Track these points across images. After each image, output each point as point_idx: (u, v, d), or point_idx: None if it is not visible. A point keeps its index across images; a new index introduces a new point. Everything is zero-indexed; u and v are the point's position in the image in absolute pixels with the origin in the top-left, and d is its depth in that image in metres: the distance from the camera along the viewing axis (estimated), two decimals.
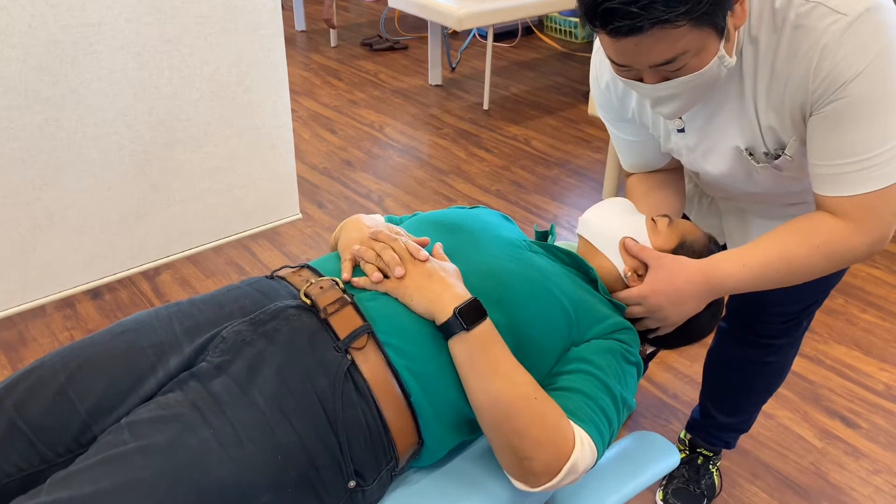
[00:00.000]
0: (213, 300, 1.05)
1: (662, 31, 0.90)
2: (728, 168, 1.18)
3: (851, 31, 0.95)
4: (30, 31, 1.65)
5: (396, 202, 3.06)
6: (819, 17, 0.96)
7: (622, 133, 1.33)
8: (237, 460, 0.87)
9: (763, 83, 1.05)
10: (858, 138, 0.99)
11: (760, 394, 1.64)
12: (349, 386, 0.94)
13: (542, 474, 0.94)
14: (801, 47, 0.98)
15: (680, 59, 0.95)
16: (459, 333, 0.97)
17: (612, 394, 1.02)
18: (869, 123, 0.98)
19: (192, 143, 2.03)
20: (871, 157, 0.99)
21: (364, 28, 5.29)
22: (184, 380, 0.94)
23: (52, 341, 2.20)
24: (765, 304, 1.43)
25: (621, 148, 1.37)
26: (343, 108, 3.97)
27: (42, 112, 1.74)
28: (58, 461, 0.92)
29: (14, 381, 0.96)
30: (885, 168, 0.99)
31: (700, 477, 1.76)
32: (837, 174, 1.02)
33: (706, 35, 0.93)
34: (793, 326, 1.49)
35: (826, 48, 0.96)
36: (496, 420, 0.95)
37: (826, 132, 1.01)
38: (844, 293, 2.52)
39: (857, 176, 1.01)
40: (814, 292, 1.42)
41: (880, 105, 0.97)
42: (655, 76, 0.99)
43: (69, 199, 1.87)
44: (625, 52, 0.96)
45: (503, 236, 1.18)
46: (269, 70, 2.08)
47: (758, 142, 1.11)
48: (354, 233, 1.14)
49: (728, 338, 1.60)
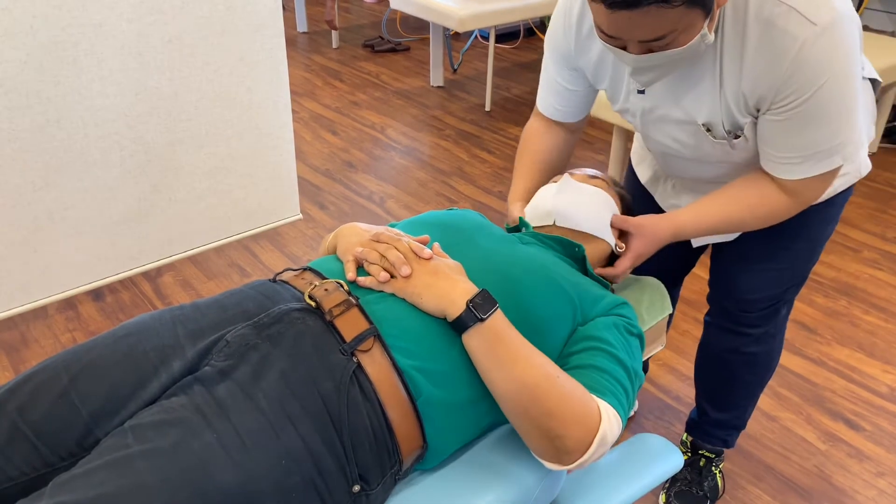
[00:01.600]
0: (215, 303, 1.05)
1: (658, 10, 0.95)
2: (678, 136, 1.26)
3: (819, 45, 1.04)
4: (31, 31, 1.64)
5: (398, 203, 3.05)
6: (794, 23, 1.04)
7: (561, 79, 1.38)
8: (241, 465, 0.86)
9: (733, 66, 1.12)
10: (814, 137, 1.13)
11: (749, 386, 1.65)
12: (354, 389, 0.94)
13: (575, 451, 0.95)
14: (773, 48, 1.06)
15: (669, 36, 1.00)
16: (475, 326, 0.97)
17: (624, 365, 1.04)
18: (825, 125, 1.11)
19: (193, 143, 2.02)
20: (821, 150, 1.14)
21: (366, 29, 5.29)
22: (188, 384, 0.94)
23: (54, 343, 2.20)
24: (741, 293, 1.48)
25: (552, 89, 1.41)
26: (344, 110, 3.96)
27: (43, 112, 1.74)
28: (61, 465, 0.92)
29: (17, 384, 0.96)
30: (831, 158, 1.15)
31: (703, 479, 1.76)
32: (791, 164, 1.17)
33: (695, 14, 0.98)
34: (771, 314, 1.51)
35: (797, 60, 1.05)
36: (524, 404, 0.96)
37: (787, 131, 1.13)
38: (847, 295, 2.52)
39: (808, 165, 1.16)
40: (787, 280, 1.46)
41: (834, 109, 1.10)
42: (640, 48, 1.04)
43: (70, 199, 1.87)
44: (616, 25, 1.00)
45: (493, 232, 1.20)
46: (270, 71, 2.08)
47: (717, 119, 1.19)
48: (354, 237, 1.13)
49: (712, 330, 1.63)
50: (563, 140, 1.48)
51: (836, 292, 2.53)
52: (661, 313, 1.40)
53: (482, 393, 1.01)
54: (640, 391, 2.10)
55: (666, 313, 1.41)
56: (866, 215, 3.01)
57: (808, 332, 2.34)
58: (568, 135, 1.49)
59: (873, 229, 2.91)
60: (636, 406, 2.03)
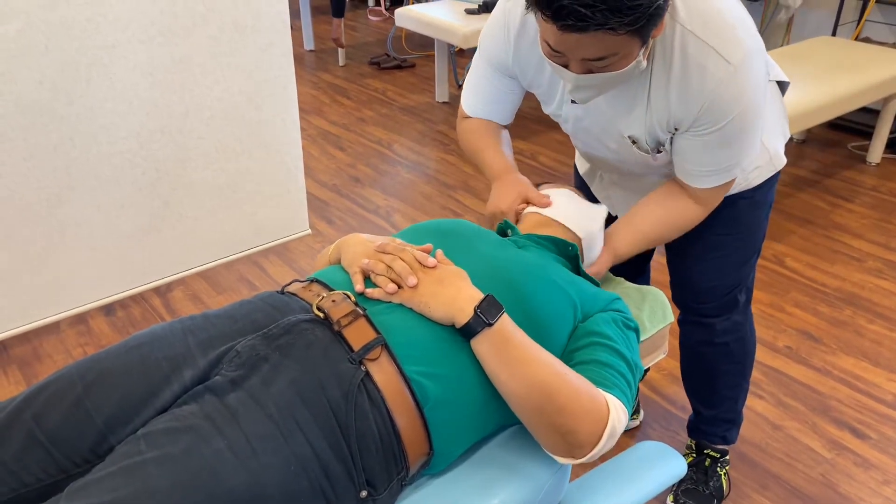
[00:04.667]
0: (225, 314, 1.07)
1: (604, 35, 1.04)
2: (605, 143, 1.39)
3: (734, 82, 1.18)
4: (46, 52, 1.69)
5: (404, 217, 3.08)
6: (712, 61, 1.17)
7: (496, 83, 1.45)
8: (251, 470, 0.88)
9: (660, 92, 1.23)
10: (723, 155, 1.28)
11: (730, 376, 1.70)
12: (362, 397, 0.96)
13: (587, 444, 0.98)
14: (693, 80, 1.19)
15: (609, 58, 1.10)
16: (483, 331, 1.00)
17: (625, 359, 1.08)
18: (733, 147, 1.27)
19: (203, 160, 2.06)
20: (727, 165, 1.30)
21: (372, 47, 5.34)
22: (199, 393, 0.96)
23: (66, 357, 2.23)
24: (694, 284, 1.60)
25: (481, 90, 1.48)
26: (351, 126, 4.01)
27: (57, 131, 1.77)
28: (75, 471, 0.94)
29: (32, 393, 0.98)
30: (731, 171, 1.32)
31: (708, 478, 1.79)
32: (702, 175, 1.32)
33: (635, 42, 1.08)
34: (730, 302, 1.60)
35: (714, 93, 1.19)
36: (537, 403, 0.98)
37: (700, 149, 1.28)
38: (852, 304, 2.52)
39: (716, 177, 1.32)
40: (733, 266, 1.56)
41: (741, 136, 1.25)
42: (582, 67, 1.13)
43: (82, 215, 1.90)
44: (564, 43, 1.09)
45: (490, 238, 1.23)
46: (279, 88, 2.11)
47: (643, 135, 1.31)
48: (359, 247, 1.16)
49: (684, 328, 1.70)
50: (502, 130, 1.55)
51: (840, 302, 2.54)
52: (663, 322, 1.42)
53: (489, 397, 1.03)
54: (646, 401, 2.11)
55: (667, 322, 1.43)
56: (870, 225, 3.02)
57: (813, 341, 2.35)
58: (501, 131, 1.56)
59: (877, 239, 2.92)
60: (641, 416, 2.05)
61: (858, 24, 3.81)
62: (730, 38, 1.18)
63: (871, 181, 3.38)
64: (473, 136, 1.52)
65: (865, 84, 3.00)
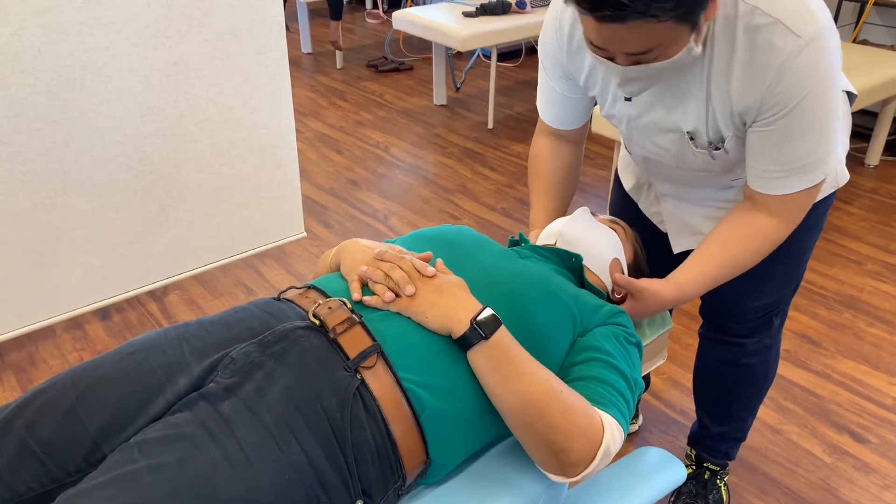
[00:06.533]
0: (220, 321, 1.06)
1: (645, 24, 0.96)
2: (662, 143, 1.28)
3: (803, 56, 1.06)
4: (40, 56, 1.68)
5: (402, 221, 3.07)
6: (779, 35, 1.06)
7: (558, 87, 1.40)
8: (245, 479, 0.87)
9: (722, 78, 1.13)
10: (796, 151, 1.14)
11: (746, 399, 1.64)
12: (358, 405, 0.95)
13: (580, 463, 0.97)
14: (759, 58, 1.08)
15: (656, 49, 1.02)
16: (480, 343, 0.98)
17: (624, 375, 1.06)
18: (808, 137, 1.13)
19: (199, 163, 2.05)
20: (804, 164, 1.16)
21: (369, 50, 5.34)
22: (193, 400, 0.94)
23: (62, 362, 2.21)
24: (730, 302, 1.49)
25: (549, 99, 1.44)
26: (349, 129, 4.00)
27: (51, 135, 1.76)
28: (68, 480, 0.93)
29: (25, 400, 0.97)
30: (813, 173, 1.17)
31: (707, 492, 1.75)
32: (777, 178, 1.18)
33: (682, 29, 1.00)
34: (764, 324, 1.51)
35: (782, 69, 1.07)
36: (529, 419, 0.97)
37: (772, 143, 1.15)
38: (852, 308, 2.52)
39: (793, 179, 1.17)
40: (775, 289, 1.46)
41: (816, 121, 1.12)
42: (628, 60, 1.06)
43: (78, 219, 1.89)
44: (604, 37, 1.02)
45: (492, 248, 1.22)
46: (274, 91, 2.11)
47: (702, 128, 1.20)
48: (358, 254, 1.14)
49: (706, 343, 1.63)
50: (570, 156, 1.50)
51: (840, 305, 2.54)
52: (662, 327, 1.41)
53: (486, 408, 1.02)
54: (645, 405, 2.10)
55: (667, 328, 1.42)
56: (869, 228, 3.01)
57: (812, 344, 2.34)
58: (574, 147, 1.50)
59: (877, 242, 2.91)
60: (640, 420, 2.04)
61: (856, 26, 3.81)
62: (799, 10, 1.06)
63: (869, 183, 3.38)
64: (532, 165, 1.52)
65: (863, 86, 2.99)
